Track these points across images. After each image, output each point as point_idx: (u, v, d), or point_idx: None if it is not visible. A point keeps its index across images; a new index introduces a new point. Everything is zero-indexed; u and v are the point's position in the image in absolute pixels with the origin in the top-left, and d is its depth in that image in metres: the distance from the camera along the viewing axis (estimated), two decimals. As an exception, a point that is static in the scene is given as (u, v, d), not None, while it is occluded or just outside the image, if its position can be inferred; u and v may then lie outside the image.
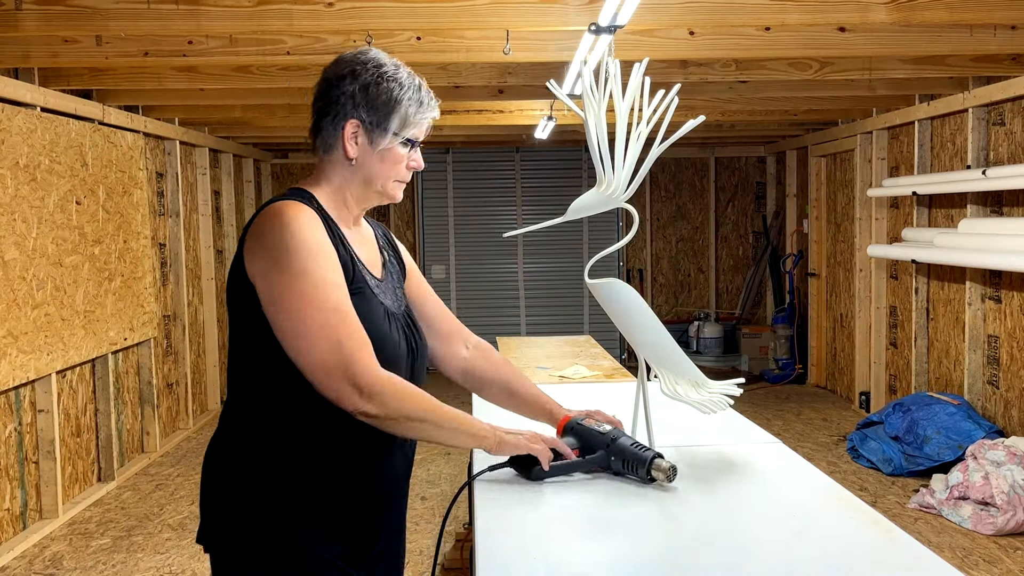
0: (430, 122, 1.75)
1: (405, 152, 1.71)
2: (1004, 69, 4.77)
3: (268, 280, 1.56)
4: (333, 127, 1.68)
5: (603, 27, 2.77)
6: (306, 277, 1.55)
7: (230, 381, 1.70)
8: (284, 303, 1.55)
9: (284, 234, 1.56)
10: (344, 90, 1.67)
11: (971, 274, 5.36)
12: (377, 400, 1.54)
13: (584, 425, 1.81)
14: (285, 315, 1.55)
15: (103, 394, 5.31)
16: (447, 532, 4.48)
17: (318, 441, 1.62)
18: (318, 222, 1.62)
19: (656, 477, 1.71)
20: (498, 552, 1.45)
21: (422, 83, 1.73)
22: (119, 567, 4.13)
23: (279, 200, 1.65)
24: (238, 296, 1.62)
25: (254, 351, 1.63)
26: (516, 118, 6.61)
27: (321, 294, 1.55)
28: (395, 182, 1.73)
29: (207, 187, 7.09)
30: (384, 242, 1.86)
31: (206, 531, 1.69)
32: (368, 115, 1.67)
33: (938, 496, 4.63)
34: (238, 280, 1.62)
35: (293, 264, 1.55)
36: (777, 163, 9.31)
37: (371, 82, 1.66)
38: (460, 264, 9.27)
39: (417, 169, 1.75)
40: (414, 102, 1.69)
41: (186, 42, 4.05)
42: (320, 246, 1.58)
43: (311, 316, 1.53)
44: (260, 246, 1.59)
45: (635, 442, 1.77)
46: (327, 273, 1.57)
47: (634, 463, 1.73)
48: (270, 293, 1.56)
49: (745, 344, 8.77)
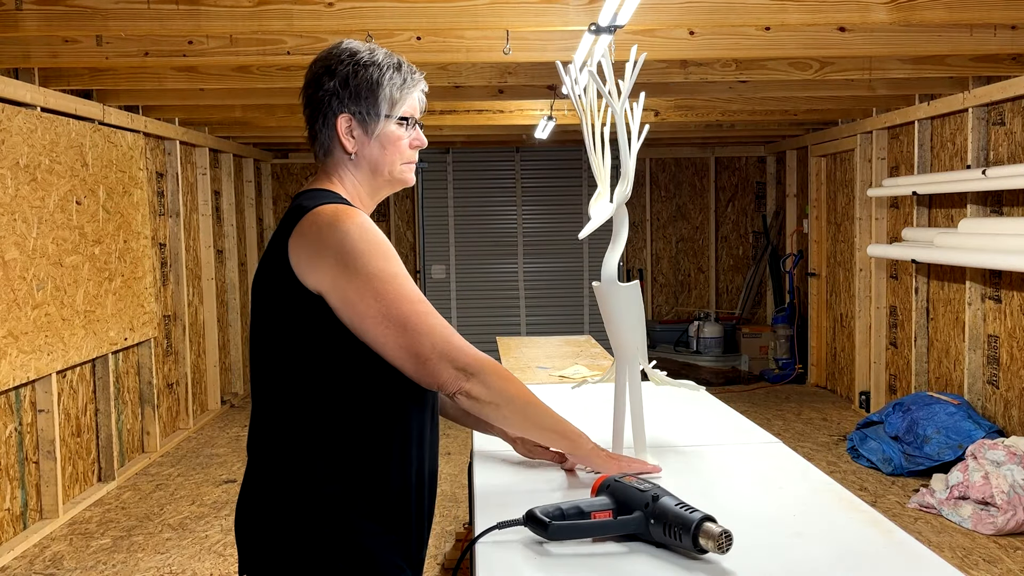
0: (423, 98, 1.73)
1: (403, 132, 1.69)
2: (1004, 69, 4.77)
3: (344, 288, 1.53)
4: (326, 128, 1.67)
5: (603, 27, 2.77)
6: (384, 275, 1.54)
7: (262, 391, 1.64)
8: (367, 307, 1.52)
9: (350, 238, 1.53)
10: (325, 89, 1.65)
11: (971, 274, 5.36)
12: (481, 379, 1.56)
13: (622, 482, 1.52)
14: (370, 318, 1.53)
15: (103, 394, 5.31)
16: (447, 532, 4.48)
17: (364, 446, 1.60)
18: (371, 221, 1.60)
19: (705, 547, 1.37)
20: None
21: (401, 60, 1.70)
22: (119, 567, 4.13)
23: (320, 205, 1.59)
24: (288, 307, 1.57)
25: (304, 359, 1.58)
26: (516, 118, 6.61)
27: (403, 289, 1.55)
28: (403, 165, 1.71)
29: (207, 187, 7.09)
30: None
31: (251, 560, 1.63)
32: (355, 105, 1.65)
33: (938, 496, 4.63)
34: (287, 291, 1.56)
35: (369, 265, 1.53)
36: (777, 163, 9.31)
37: (349, 73, 1.64)
38: (460, 264, 9.26)
39: (421, 147, 1.73)
40: (397, 80, 1.66)
41: (186, 42, 4.05)
42: (385, 243, 1.58)
43: (399, 311, 1.53)
44: (323, 254, 1.54)
45: (681, 502, 1.44)
46: (400, 269, 1.57)
47: (677, 528, 1.40)
48: (348, 300, 1.53)
49: (745, 344, 8.77)
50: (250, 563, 1.63)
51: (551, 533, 1.44)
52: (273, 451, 1.62)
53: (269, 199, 9.08)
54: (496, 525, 1.49)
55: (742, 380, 8.46)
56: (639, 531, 1.46)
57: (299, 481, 1.58)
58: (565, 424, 1.71)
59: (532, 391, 1.67)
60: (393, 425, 1.61)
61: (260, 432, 1.65)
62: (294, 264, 1.55)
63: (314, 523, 1.57)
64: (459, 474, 5.40)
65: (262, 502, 1.62)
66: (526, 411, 1.65)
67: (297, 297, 1.55)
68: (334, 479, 1.57)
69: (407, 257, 9.41)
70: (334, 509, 1.57)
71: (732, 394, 7.79)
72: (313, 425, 1.59)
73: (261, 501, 1.62)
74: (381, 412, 1.60)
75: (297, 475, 1.58)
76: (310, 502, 1.57)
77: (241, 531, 1.65)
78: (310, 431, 1.59)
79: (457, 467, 5.56)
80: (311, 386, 1.58)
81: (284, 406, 1.60)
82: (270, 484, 1.61)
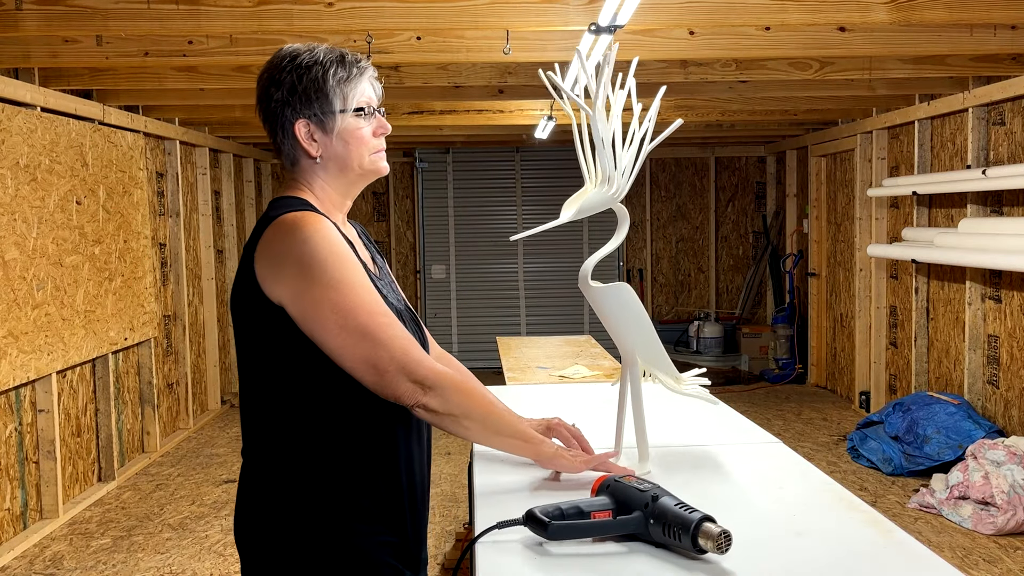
0: (377, 85, 1.70)
1: (363, 122, 1.66)
2: (1004, 69, 4.77)
3: (302, 298, 1.52)
4: (287, 138, 1.64)
5: (603, 27, 2.77)
6: (342, 286, 1.52)
7: (252, 408, 1.64)
8: (325, 317, 1.51)
9: (308, 247, 1.52)
10: (275, 100, 1.63)
11: (971, 274, 5.36)
12: (438, 393, 1.54)
13: (622, 482, 1.52)
14: (327, 328, 1.52)
15: (103, 394, 5.31)
16: (447, 532, 4.48)
17: (358, 451, 1.60)
18: (334, 228, 1.58)
19: (704, 547, 1.37)
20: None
21: (344, 53, 1.66)
22: (119, 567, 4.13)
23: (284, 213, 1.57)
24: (256, 319, 1.57)
25: (280, 373, 1.58)
26: (516, 118, 6.61)
27: (362, 299, 1.53)
28: (372, 155, 1.68)
29: (207, 187, 7.09)
30: (366, 240, 1.84)
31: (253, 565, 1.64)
32: (308, 109, 1.62)
33: (938, 496, 4.63)
34: (254, 303, 1.56)
35: (326, 275, 1.51)
36: (777, 163, 9.31)
37: (294, 79, 1.62)
38: (460, 264, 9.26)
39: (385, 133, 1.70)
40: (342, 74, 1.63)
41: (186, 42, 4.05)
42: (346, 251, 1.55)
43: (355, 323, 1.51)
44: (283, 264, 1.53)
45: (681, 502, 1.44)
46: (360, 278, 1.55)
47: (676, 528, 1.40)
48: (306, 310, 1.52)
49: (745, 344, 8.77)
50: (251, 569, 1.64)
51: (551, 533, 1.44)
52: (263, 459, 1.63)
53: (269, 199, 9.06)
54: (496, 525, 1.48)
55: (742, 380, 8.47)
56: (639, 531, 1.46)
57: (288, 487, 1.59)
58: (526, 430, 1.70)
59: (493, 400, 1.66)
60: (378, 428, 1.61)
61: (248, 439, 1.66)
62: (259, 276, 1.55)
63: (307, 526, 1.57)
64: (459, 474, 5.40)
65: (256, 509, 1.63)
66: (486, 421, 1.63)
67: (262, 309, 1.55)
68: (322, 483, 1.58)
69: (407, 257, 9.41)
70: (325, 512, 1.58)
71: (732, 394, 7.79)
72: (296, 431, 1.59)
73: (255, 508, 1.63)
74: (364, 415, 1.59)
75: (285, 481, 1.60)
76: (301, 507, 1.58)
77: (239, 538, 1.66)
78: (294, 437, 1.59)
79: (457, 467, 5.56)
80: (289, 394, 1.59)
81: (266, 414, 1.61)
82: (262, 491, 1.62)
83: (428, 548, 4.23)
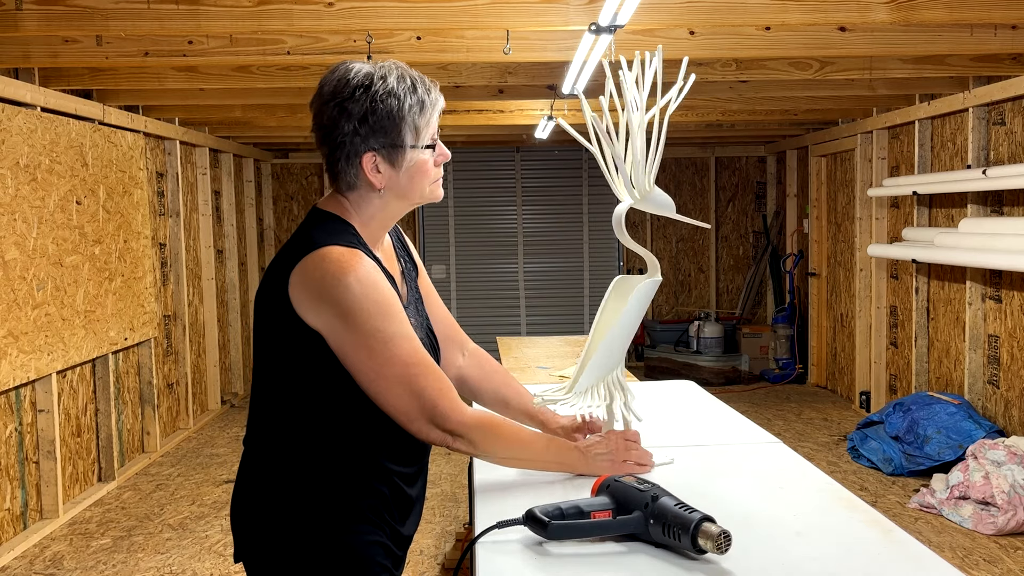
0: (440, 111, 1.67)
1: (429, 155, 1.63)
2: (1004, 69, 4.77)
3: (339, 339, 1.54)
4: (350, 167, 1.60)
5: (603, 27, 2.77)
6: (381, 336, 1.53)
7: (263, 405, 1.66)
8: (361, 363, 1.54)
9: (351, 294, 1.51)
10: (344, 130, 1.57)
11: (971, 274, 5.36)
12: (467, 440, 1.61)
13: (622, 482, 1.51)
14: (362, 372, 1.55)
15: (103, 394, 5.31)
16: (447, 532, 4.48)
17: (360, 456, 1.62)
18: (378, 271, 1.57)
19: (703, 547, 1.37)
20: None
21: (416, 81, 1.62)
22: (119, 567, 4.13)
23: (328, 245, 1.55)
24: (283, 331, 1.57)
25: (301, 384, 1.60)
26: (516, 118, 6.61)
27: (398, 349, 1.55)
28: (432, 185, 1.66)
29: (207, 187, 7.09)
30: (399, 247, 1.82)
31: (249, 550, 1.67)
32: (378, 141, 1.58)
33: (938, 496, 4.63)
34: (283, 317, 1.55)
35: (367, 325, 1.52)
36: (777, 163, 9.31)
37: (367, 110, 1.57)
38: (460, 264, 9.26)
39: (446, 160, 1.68)
40: (416, 107, 1.59)
41: (186, 42, 4.05)
42: (387, 298, 1.55)
43: (391, 372, 1.54)
44: (322, 301, 1.53)
45: (680, 503, 1.43)
46: (398, 327, 1.55)
47: (676, 528, 1.40)
48: (343, 350, 1.54)
49: (745, 344, 8.76)
50: (244, 551, 1.68)
51: (550, 533, 1.44)
52: (263, 451, 1.66)
53: (269, 199, 9.07)
54: (495, 525, 1.49)
55: (742, 380, 8.46)
56: (638, 531, 1.45)
57: (284, 480, 1.62)
58: (554, 451, 1.73)
59: (518, 432, 1.70)
60: (378, 435, 1.63)
61: (256, 432, 1.68)
62: (294, 301, 1.55)
63: (299, 520, 1.60)
64: (459, 474, 5.40)
65: (255, 497, 1.65)
66: (519, 457, 1.70)
67: (295, 328, 1.56)
68: (317, 479, 1.61)
69: (407, 257, 9.41)
70: (318, 507, 1.60)
71: (732, 394, 7.79)
72: (299, 429, 1.62)
73: (254, 496, 1.66)
74: (366, 422, 1.61)
75: (281, 474, 1.62)
76: (294, 501, 1.61)
77: (235, 521, 1.69)
78: (296, 433, 1.62)
79: (457, 467, 5.56)
80: (300, 396, 1.61)
81: (279, 412, 1.64)
82: (259, 482, 1.65)
83: (428, 548, 4.24)
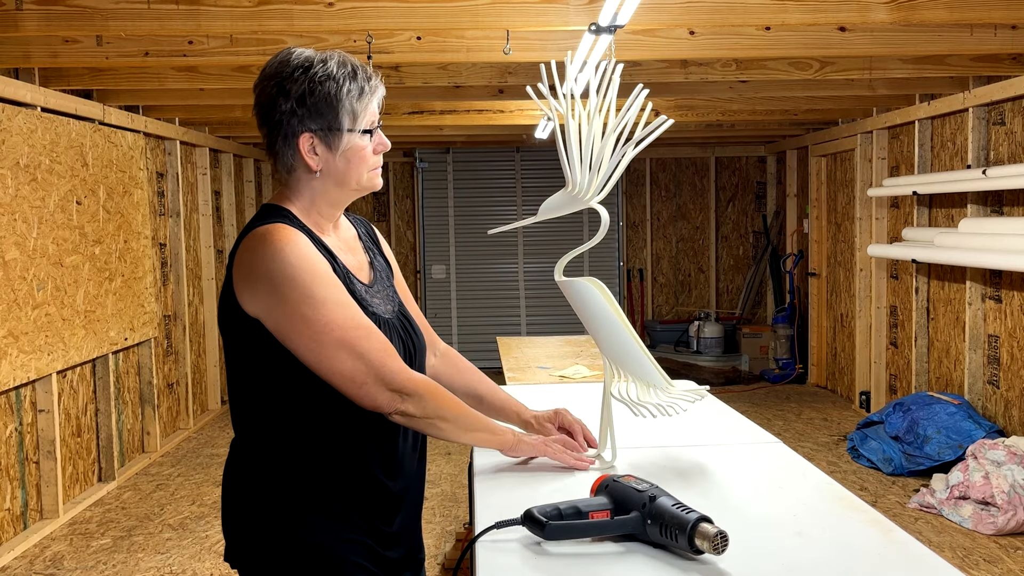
0: (381, 101, 1.68)
1: (367, 141, 1.64)
2: (1004, 69, 4.77)
3: (275, 314, 1.54)
4: (287, 147, 1.62)
5: (603, 27, 2.77)
6: (313, 302, 1.53)
7: (234, 405, 1.68)
8: (298, 334, 1.53)
9: (278, 262, 1.53)
10: (282, 110, 1.59)
11: (971, 274, 5.36)
12: (415, 400, 1.59)
13: (621, 482, 1.51)
14: (302, 343, 1.54)
15: (103, 394, 5.31)
16: (447, 532, 4.48)
17: (331, 451, 1.62)
18: (307, 241, 1.58)
19: (700, 547, 1.37)
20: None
21: (356, 67, 1.63)
22: (119, 567, 4.13)
23: (259, 225, 1.59)
24: (237, 330, 1.60)
25: (260, 379, 1.61)
26: (516, 118, 6.61)
27: (334, 314, 1.54)
28: (369, 173, 1.67)
29: (207, 187, 7.09)
30: (368, 241, 1.83)
31: (233, 550, 1.68)
32: (316, 123, 1.59)
33: (938, 496, 4.63)
34: (234, 315, 1.58)
35: (296, 291, 1.52)
36: (777, 163, 9.31)
37: (305, 91, 1.58)
38: (460, 264, 9.26)
39: (385, 150, 1.69)
40: (355, 92, 1.60)
41: (186, 42, 4.05)
42: (317, 266, 1.55)
43: (330, 338, 1.53)
44: (255, 279, 1.54)
45: (678, 503, 1.43)
46: (332, 292, 1.55)
47: (673, 528, 1.39)
48: (280, 326, 1.54)
49: (745, 344, 8.77)
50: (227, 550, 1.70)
51: (548, 533, 1.44)
52: (236, 452, 1.69)
53: (270, 199, 9.07)
54: (494, 525, 1.49)
55: (742, 380, 8.46)
56: (636, 531, 1.46)
57: (262, 481, 1.63)
58: (491, 424, 1.77)
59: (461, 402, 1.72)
60: (353, 431, 1.63)
61: (236, 431, 1.71)
62: (237, 292, 1.57)
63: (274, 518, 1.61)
64: (459, 474, 5.40)
65: (236, 498, 1.68)
66: (458, 421, 1.68)
67: (240, 323, 1.58)
68: (292, 479, 1.61)
69: (407, 257, 9.41)
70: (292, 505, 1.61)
71: (732, 394, 7.79)
72: (274, 429, 1.63)
73: (235, 496, 1.68)
74: (339, 419, 1.61)
75: (261, 475, 1.64)
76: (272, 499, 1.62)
77: (224, 521, 1.71)
78: (272, 434, 1.63)
79: (457, 467, 5.56)
80: (268, 396, 1.62)
81: (248, 413, 1.66)
82: (233, 482, 1.68)
83: (428, 548, 4.24)
